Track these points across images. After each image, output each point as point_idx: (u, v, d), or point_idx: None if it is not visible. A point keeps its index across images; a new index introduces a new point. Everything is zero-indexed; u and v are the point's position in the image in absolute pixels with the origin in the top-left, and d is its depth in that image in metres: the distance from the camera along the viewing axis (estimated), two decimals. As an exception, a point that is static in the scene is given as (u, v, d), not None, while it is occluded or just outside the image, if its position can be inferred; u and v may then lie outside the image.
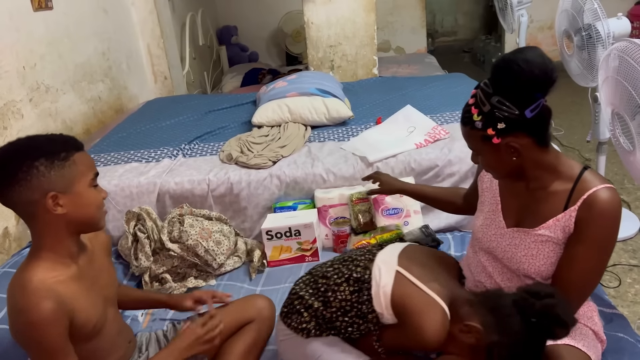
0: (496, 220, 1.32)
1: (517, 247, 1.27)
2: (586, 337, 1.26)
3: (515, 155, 1.17)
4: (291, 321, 1.36)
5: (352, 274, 1.32)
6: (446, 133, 2.30)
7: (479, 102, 1.16)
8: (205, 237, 1.95)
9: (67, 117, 2.66)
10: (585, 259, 1.16)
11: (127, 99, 3.41)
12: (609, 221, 1.14)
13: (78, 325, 1.10)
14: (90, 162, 1.14)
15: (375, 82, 3.39)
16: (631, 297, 2.12)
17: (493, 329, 1.13)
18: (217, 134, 2.66)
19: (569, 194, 1.17)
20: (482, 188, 1.40)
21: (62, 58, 2.66)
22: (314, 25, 3.42)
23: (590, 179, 1.17)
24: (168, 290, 1.90)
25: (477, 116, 1.15)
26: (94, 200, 1.13)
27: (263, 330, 1.50)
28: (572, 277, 1.18)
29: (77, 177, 1.09)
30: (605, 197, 1.13)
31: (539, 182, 1.23)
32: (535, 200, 1.24)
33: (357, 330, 1.31)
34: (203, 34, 4.60)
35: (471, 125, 1.17)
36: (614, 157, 2.74)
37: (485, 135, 1.15)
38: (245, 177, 2.17)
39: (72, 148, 1.10)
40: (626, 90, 1.55)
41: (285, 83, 2.80)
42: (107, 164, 2.36)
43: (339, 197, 2.11)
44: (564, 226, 1.18)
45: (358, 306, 1.29)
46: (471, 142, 1.22)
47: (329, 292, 1.32)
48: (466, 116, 1.19)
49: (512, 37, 4.77)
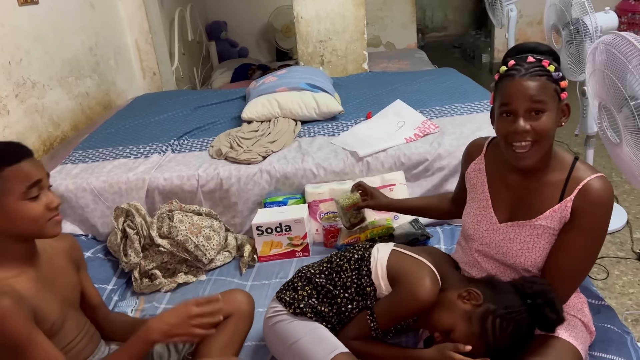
0: (487, 216, 1.33)
1: (512, 241, 1.28)
2: (575, 328, 1.27)
3: (563, 121, 1.22)
4: (284, 296, 1.41)
5: (354, 256, 1.43)
6: (436, 127, 2.31)
7: (546, 57, 1.18)
8: (195, 233, 1.95)
9: (54, 114, 2.63)
10: (580, 246, 1.18)
11: (115, 95, 3.38)
12: (603, 209, 1.18)
13: (35, 322, 1.09)
14: (25, 174, 1.09)
15: (365, 77, 3.39)
16: (619, 289, 2.15)
17: (490, 299, 1.21)
18: (206, 130, 2.65)
19: (564, 184, 1.20)
20: (470, 184, 1.41)
21: (48, 53, 2.63)
22: (303, 20, 3.41)
23: (583, 169, 1.21)
24: (158, 287, 1.90)
25: (553, 67, 1.16)
26: (27, 215, 1.09)
27: (241, 326, 1.47)
28: (566, 264, 1.19)
29: (3, 193, 1.07)
30: (599, 186, 1.17)
31: (535, 173, 1.24)
32: (530, 192, 1.25)
33: (357, 307, 1.37)
34: (192, 30, 4.57)
35: (547, 76, 1.16)
36: (602, 151, 2.77)
37: (557, 88, 1.17)
38: (235, 173, 2.16)
39: (4, 163, 1.07)
40: (613, 83, 1.56)
41: (275, 78, 2.79)
42: (96, 160, 2.34)
43: (329, 192, 2.11)
44: (560, 216, 1.20)
45: (357, 282, 1.38)
46: (544, 94, 1.15)
47: (333, 274, 1.42)
48: (538, 69, 1.16)
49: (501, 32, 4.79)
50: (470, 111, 2.50)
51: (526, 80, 1.15)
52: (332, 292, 1.39)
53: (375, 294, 1.36)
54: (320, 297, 1.40)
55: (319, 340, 1.31)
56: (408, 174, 2.16)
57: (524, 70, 1.16)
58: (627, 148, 1.62)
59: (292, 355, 1.32)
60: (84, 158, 2.37)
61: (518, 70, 1.16)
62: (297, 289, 1.42)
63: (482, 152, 1.38)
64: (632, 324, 1.95)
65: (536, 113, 1.15)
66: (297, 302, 1.39)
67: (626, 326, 1.46)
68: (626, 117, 1.56)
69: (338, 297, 1.38)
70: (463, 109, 2.53)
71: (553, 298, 1.17)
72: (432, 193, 2.16)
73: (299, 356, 1.30)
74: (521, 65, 1.17)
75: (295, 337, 1.32)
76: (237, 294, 1.54)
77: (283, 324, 1.37)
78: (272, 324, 1.40)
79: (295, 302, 1.39)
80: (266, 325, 1.43)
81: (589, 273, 1.27)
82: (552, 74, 1.16)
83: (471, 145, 1.45)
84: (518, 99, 1.16)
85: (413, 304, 1.27)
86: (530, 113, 1.16)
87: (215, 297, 1.20)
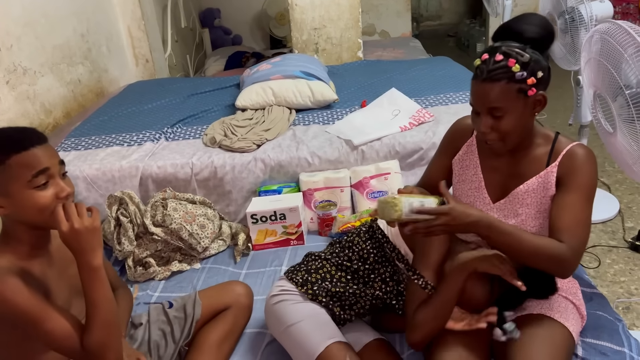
0: (480, 197, 1.34)
1: (507, 217, 1.30)
2: (566, 311, 1.29)
3: (537, 110, 1.20)
4: (296, 276, 1.41)
5: (361, 229, 1.45)
6: (431, 116, 2.30)
7: (515, 54, 1.14)
8: (189, 221, 1.94)
9: (46, 100, 2.60)
10: (577, 206, 1.20)
11: (107, 82, 3.34)
12: (590, 168, 1.22)
13: None
14: (31, 162, 1.05)
15: (360, 65, 3.37)
16: (610, 277, 2.17)
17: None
18: (200, 117, 2.63)
19: (549, 155, 1.25)
20: (460, 167, 1.39)
21: (39, 39, 2.59)
22: (298, 7, 3.38)
23: (564, 140, 1.27)
24: (152, 275, 1.89)
25: (517, 67, 1.13)
26: (34, 203, 1.06)
27: (239, 319, 1.47)
28: (569, 224, 1.19)
29: (10, 181, 1.05)
30: (582, 150, 1.24)
31: (521, 151, 1.27)
32: (519, 169, 1.28)
33: (378, 276, 1.39)
34: (185, 17, 4.52)
35: (508, 79, 1.14)
36: (595, 141, 2.78)
37: (522, 87, 1.15)
38: (230, 161, 2.15)
39: (11, 150, 1.04)
40: (608, 72, 1.56)
41: (270, 66, 2.77)
42: (88, 148, 2.32)
43: (324, 181, 2.11)
44: (545, 181, 1.25)
45: (376, 250, 1.40)
46: (501, 99, 1.15)
47: (345, 250, 1.44)
48: (499, 71, 1.14)
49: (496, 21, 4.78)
50: (465, 100, 2.50)
51: (485, 84, 1.16)
52: (351, 268, 1.40)
53: (402, 257, 1.37)
54: (334, 280, 1.40)
55: (319, 325, 1.31)
56: (403, 163, 2.16)
57: (486, 73, 1.15)
58: (621, 137, 1.63)
59: (291, 336, 1.32)
60: (76, 146, 2.34)
61: (481, 71, 1.16)
62: (311, 271, 1.42)
63: (473, 133, 1.38)
64: (623, 312, 1.98)
65: (496, 115, 1.17)
66: (310, 284, 1.39)
67: (618, 314, 1.48)
68: (621, 106, 1.57)
69: (360, 270, 1.40)
70: (458, 98, 2.53)
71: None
72: (426, 182, 2.16)
73: (297, 338, 1.30)
74: (485, 65, 1.16)
75: (295, 319, 1.32)
76: (237, 286, 1.54)
77: (287, 304, 1.36)
78: (275, 302, 1.39)
79: (309, 283, 1.39)
80: (268, 304, 1.42)
81: (589, 234, 1.26)
82: (516, 75, 1.13)
83: (460, 126, 1.41)
84: (477, 101, 1.20)
85: (442, 248, 1.29)
86: (491, 114, 1.18)
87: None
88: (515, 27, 1.19)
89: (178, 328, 1.43)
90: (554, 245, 1.15)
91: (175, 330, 1.42)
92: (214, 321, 1.45)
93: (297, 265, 1.48)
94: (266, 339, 1.51)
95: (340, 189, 2.11)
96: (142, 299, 1.78)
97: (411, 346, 1.30)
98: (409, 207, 1.16)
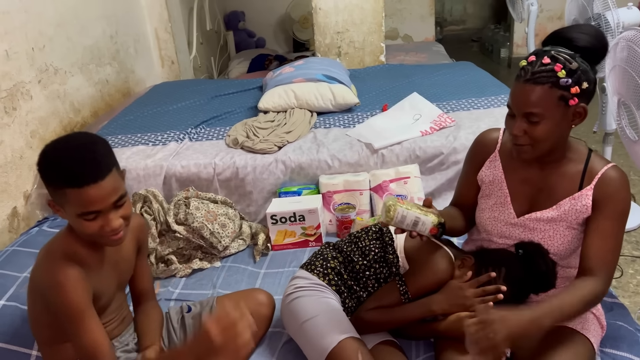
0: (505, 212, 1.33)
1: (533, 231, 1.30)
2: (587, 321, 1.28)
3: (575, 122, 1.17)
4: (315, 267, 1.45)
5: (372, 229, 1.50)
6: (452, 121, 2.30)
7: (563, 60, 1.11)
8: (211, 220, 1.98)
9: (75, 100, 2.68)
10: (613, 233, 1.21)
11: (134, 83, 3.42)
12: (626, 195, 1.21)
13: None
14: (85, 201, 1.05)
15: (382, 69, 3.38)
16: (633, 288, 2.13)
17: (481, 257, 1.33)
18: (223, 119, 2.67)
19: (582, 175, 1.23)
20: (485, 182, 1.38)
21: (70, 40, 2.67)
22: (321, 11, 3.41)
23: (598, 160, 1.24)
24: (174, 272, 1.93)
25: (563, 73, 1.10)
26: (81, 229, 1.11)
27: (258, 329, 1.45)
28: (604, 252, 1.21)
29: (65, 203, 1.09)
30: (617, 174, 1.21)
31: (553, 166, 1.26)
32: (549, 184, 1.27)
33: (373, 275, 1.43)
34: (210, 19, 4.59)
35: (552, 83, 1.11)
36: (620, 149, 2.74)
37: (565, 95, 1.12)
38: (251, 162, 2.18)
39: (66, 184, 1.05)
40: (633, 80, 1.54)
41: (292, 69, 2.80)
42: (115, 147, 2.37)
43: (343, 184, 2.12)
44: (580, 204, 1.23)
45: (378, 250, 1.44)
46: (540, 105, 1.13)
47: (352, 245, 1.48)
48: (543, 74, 1.11)
49: (521, 26, 4.74)
50: (487, 106, 2.49)
51: (527, 85, 1.13)
52: (352, 260, 1.44)
53: (397, 262, 1.42)
54: (347, 270, 1.44)
55: (334, 321, 1.32)
56: (423, 167, 2.16)
57: (530, 74, 1.13)
58: (646, 146, 1.60)
59: (305, 332, 1.34)
60: (103, 144, 2.40)
61: (525, 72, 1.14)
62: (329, 258, 1.46)
63: (496, 147, 1.36)
64: (645, 323, 1.94)
65: (532, 120, 1.15)
66: (329, 269, 1.43)
67: (638, 324, 1.46)
68: (645, 114, 1.55)
69: (357, 264, 1.43)
70: (480, 104, 2.52)
71: (545, 252, 1.26)
72: (446, 187, 2.16)
73: (311, 334, 1.32)
74: (531, 66, 1.13)
75: (311, 314, 1.34)
76: (259, 294, 1.53)
77: (302, 300, 1.38)
78: (289, 301, 1.41)
79: (328, 269, 1.43)
80: (284, 303, 1.44)
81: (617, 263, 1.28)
82: (561, 81, 1.11)
83: (483, 140, 1.39)
84: (516, 103, 1.17)
85: (433, 279, 1.34)
86: (527, 118, 1.16)
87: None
88: (567, 34, 1.16)
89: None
90: (590, 291, 1.17)
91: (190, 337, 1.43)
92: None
93: (313, 256, 1.52)
94: (283, 338, 1.53)
95: (359, 192, 2.12)
96: (164, 295, 1.82)
97: None
98: (401, 216, 1.23)
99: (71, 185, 1.05)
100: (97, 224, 1.09)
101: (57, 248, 1.16)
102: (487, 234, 1.39)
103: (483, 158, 1.38)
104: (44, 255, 1.16)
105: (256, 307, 1.47)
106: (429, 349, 1.42)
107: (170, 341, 1.44)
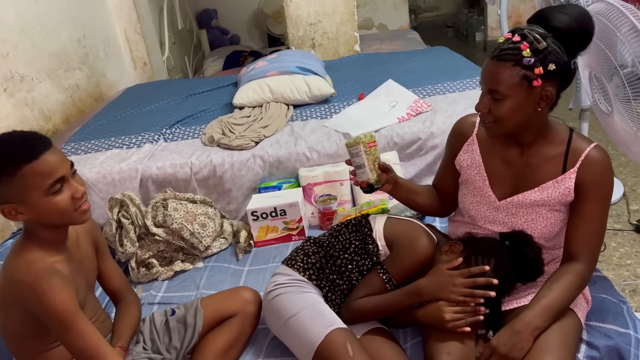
0: (485, 195, 1.32)
1: (515, 215, 1.29)
2: None
3: (541, 106, 1.14)
4: (296, 262, 1.43)
5: (351, 221, 1.48)
6: (428, 106, 2.29)
7: (532, 39, 1.08)
8: (190, 220, 1.94)
9: (45, 107, 2.62)
10: (599, 215, 1.21)
11: (106, 87, 3.35)
12: (610, 176, 1.20)
13: None
14: (47, 170, 1.06)
15: (357, 58, 3.36)
16: (616, 261, 2.15)
17: (470, 245, 1.31)
18: (198, 117, 2.63)
19: (565, 157, 1.21)
20: (463, 167, 1.37)
21: (35, 46, 2.60)
22: (293, 4, 3.38)
23: (580, 140, 1.22)
24: (155, 275, 1.90)
25: (528, 52, 1.08)
26: (54, 208, 1.09)
27: (246, 327, 1.43)
28: (591, 235, 1.21)
29: (27, 190, 1.06)
30: (600, 155, 1.19)
31: (534, 148, 1.24)
32: (530, 166, 1.25)
33: (356, 267, 1.40)
34: (182, 18, 4.52)
35: (515, 61, 1.09)
36: (597, 125, 2.76)
37: (528, 74, 1.09)
38: (228, 159, 2.15)
39: (22, 160, 1.05)
40: (602, 52, 1.54)
41: (266, 63, 2.77)
42: (88, 152, 2.33)
43: (323, 175, 2.10)
44: (564, 187, 1.21)
45: (357, 241, 1.42)
46: (502, 83, 1.11)
47: (332, 239, 1.46)
48: (509, 52, 1.10)
49: (493, 9, 4.75)
50: (462, 88, 2.49)
51: (493, 62, 1.13)
52: (333, 255, 1.42)
53: (377, 251, 1.40)
54: (328, 265, 1.42)
55: (318, 314, 1.30)
56: (402, 154, 2.15)
57: (498, 51, 1.13)
58: (618, 117, 1.61)
59: (290, 329, 1.31)
60: (76, 150, 2.35)
61: (494, 49, 1.14)
62: (309, 254, 1.44)
63: (473, 131, 1.35)
64: (630, 294, 1.96)
65: (496, 97, 1.14)
66: (309, 264, 1.41)
67: (622, 296, 1.47)
68: (617, 86, 1.55)
69: (338, 259, 1.41)
70: (455, 87, 2.52)
71: (531, 241, 1.26)
72: (426, 172, 2.16)
73: (296, 330, 1.30)
74: (501, 44, 1.13)
75: (293, 310, 1.31)
76: (245, 292, 1.50)
77: (283, 297, 1.36)
78: (271, 298, 1.38)
79: (309, 264, 1.41)
80: (265, 301, 1.42)
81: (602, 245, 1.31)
82: (524, 60, 1.09)
83: (460, 125, 1.39)
84: (482, 79, 1.17)
85: (414, 257, 1.33)
86: (492, 95, 1.15)
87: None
88: (546, 12, 1.14)
89: (177, 338, 1.41)
90: (577, 278, 1.19)
91: (174, 340, 1.41)
92: (220, 329, 1.42)
93: (294, 251, 1.49)
94: (270, 335, 1.51)
95: (340, 182, 2.10)
96: (146, 300, 1.79)
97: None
98: (356, 153, 1.37)
99: (27, 159, 1.05)
100: (66, 195, 1.10)
101: (25, 258, 1.12)
102: (470, 218, 1.39)
103: (460, 143, 1.37)
104: (13, 270, 1.12)
105: (243, 305, 1.45)
106: (416, 334, 1.41)
107: (154, 345, 1.41)
